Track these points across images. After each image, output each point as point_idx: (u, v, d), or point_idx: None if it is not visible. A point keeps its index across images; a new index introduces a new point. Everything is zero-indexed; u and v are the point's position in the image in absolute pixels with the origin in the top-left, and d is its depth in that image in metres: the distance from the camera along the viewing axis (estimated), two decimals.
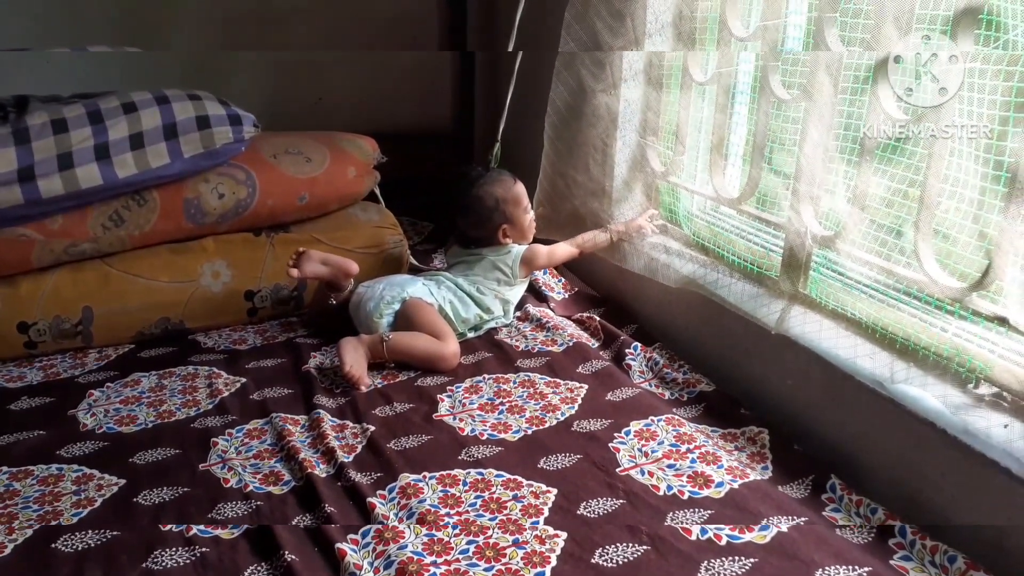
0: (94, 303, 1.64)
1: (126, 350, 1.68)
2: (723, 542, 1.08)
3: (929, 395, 1.16)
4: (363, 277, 1.82)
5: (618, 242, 1.81)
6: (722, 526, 1.11)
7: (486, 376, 1.55)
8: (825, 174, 1.38)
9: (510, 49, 1.94)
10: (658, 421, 1.37)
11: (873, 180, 1.30)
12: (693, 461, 1.26)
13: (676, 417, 1.39)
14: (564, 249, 1.83)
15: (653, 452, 1.29)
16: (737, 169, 1.66)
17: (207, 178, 1.74)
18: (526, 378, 1.54)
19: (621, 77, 1.75)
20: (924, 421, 1.13)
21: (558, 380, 1.53)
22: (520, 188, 1.82)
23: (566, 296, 1.95)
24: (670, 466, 1.25)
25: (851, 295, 1.36)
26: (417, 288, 1.69)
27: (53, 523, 1.11)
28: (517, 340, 1.71)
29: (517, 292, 1.83)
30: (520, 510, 1.14)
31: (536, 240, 1.87)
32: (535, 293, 1.94)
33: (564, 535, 1.09)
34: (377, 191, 2.10)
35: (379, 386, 1.52)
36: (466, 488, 1.20)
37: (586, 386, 1.50)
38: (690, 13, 1.62)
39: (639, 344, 1.64)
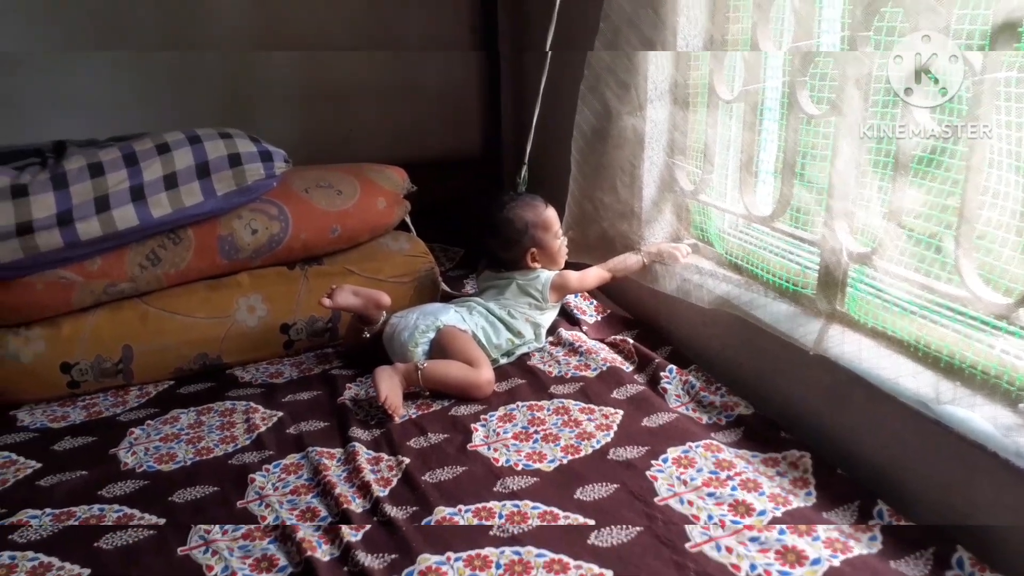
0: (133, 342, 1.67)
1: (166, 387, 1.71)
2: None
3: (978, 416, 1.12)
4: (396, 306, 1.83)
5: (650, 264, 1.79)
6: (772, 562, 1.08)
7: (519, 403, 1.54)
8: (859, 189, 1.35)
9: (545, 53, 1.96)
10: (696, 447, 1.35)
11: (909, 194, 1.27)
12: (734, 488, 1.24)
13: (714, 442, 1.36)
14: (595, 273, 1.82)
15: (692, 480, 1.27)
16: (768, 186, 1.64)
17: (240, 214, 1.77)
18: (560, 405, 1.52)
19: (647, 98, 1.74)
20: (973, 443, 1.09)
21: (592, 406, 1.51)
22: (551, 213, 1.82)
23: (598, 319, 1.94)
24: (710, 494, 1.23)
25: (891, 313, 1.33)
26: (450, 316, 1.69)
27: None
28: (550, 365, 1.70)
29: (548, 317, 1.82)
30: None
31: (567, 264, 1.86)
32: (567, 316, 1.93)
33: (610, 573, 1.07)
34: (408, 220, 2.12)
35: (413, 416, 1.52)
36: (502, 521, 1.18)
37: (621, 412, 1.48)
38: (683, 81, 1.76)
39: (674, 367, 1.62)
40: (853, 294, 1.41)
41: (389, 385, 1.51)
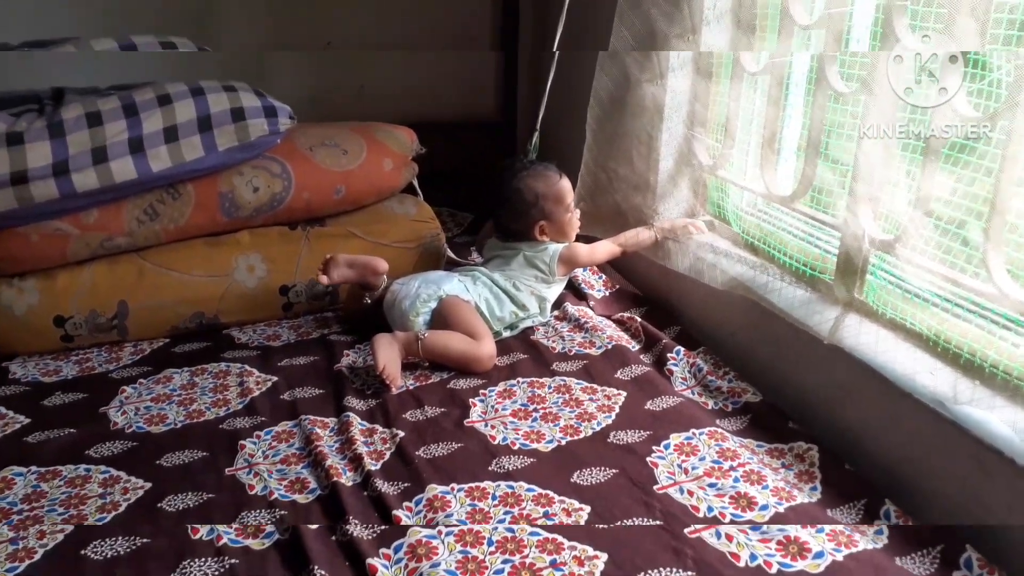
0: (129, 297, 1.63)
1: (161, 344, 1.67)
2: (773, 570, 1.01)
3: (996, 419, 1.07)
4: (399, 271, 1.78)
5: (662, 240, 1.73)
6: (773, 552, 1.04)
7: (520, 380, 1.50)
8: (885, 172, 1.29)
9: (555, 49, 1.86)
10: (700, 435, 1.31)
11: (938, 180, 1.21)
12: (736, 480, 1.19)
13: (719, 430, 1.32)
14: (605, 248, 1.76)
15: (694, 469, 1.23)
16: (790, 165, 1.57)
17: (242, 171, 1.72)
18: (561, 383, 1.48)
19: (668, 67, 1.67)
20: (990, 447, 1.04)
21: (595, 386, 1.47)
22: (564, 185, 1.75)
23: (606, 294, 1.89)
24: (711, 485, 1.18)
25: (911, 304, 1.27)
26: (453, 285, 1.64)
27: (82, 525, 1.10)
28: (554, 341, 1.65)
29: (555, 291, 1.77)
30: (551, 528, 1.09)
31: (578, 237, 1.80)
32: (574, 290, 1.88)
33: (604, 556, 1.04)
34: (415, 183, 2.06)
35: (411, 387, 1.48)
36: (495, 503, 1.15)
37: (624, 393, 1.44)
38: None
39: (682, 348, 1.57)
40: (873, 282, 1.35)
41: (388, 354, 1.46)
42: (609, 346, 1.60)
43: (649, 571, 1.01)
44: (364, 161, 1.85)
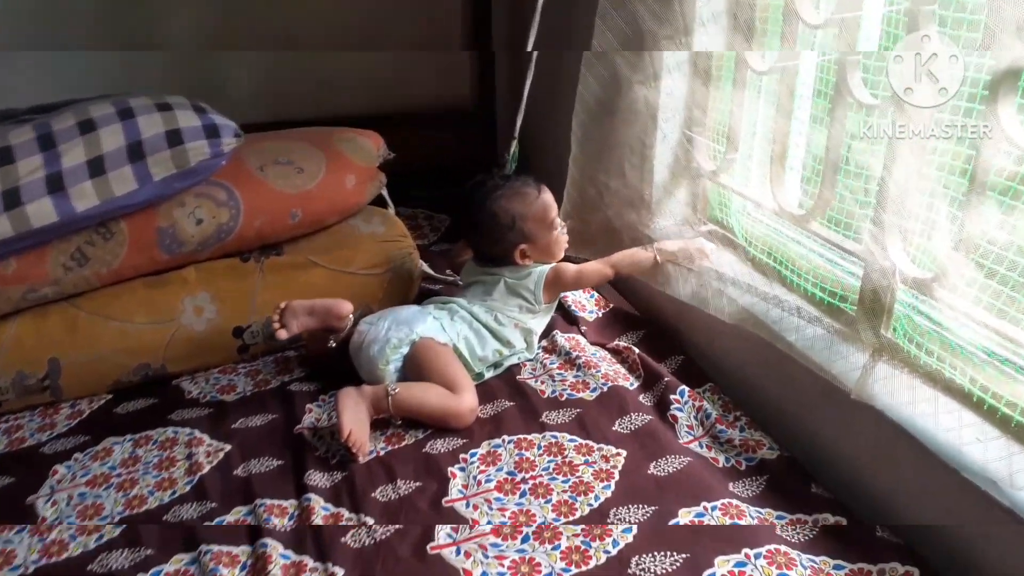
0: (61, 353, 1.44)
1: (102, 403, 1.49)
2: None
3: None
4: (369, 300, 1.61)
5: (662, 263, 1.54)
6: None
7: (506, 438, 1.32)
8: (920, 202, 1.10)
9: (529, 48, 1.65)
10: (712, 509, 1.14)
11: (985, 216, 1.02)
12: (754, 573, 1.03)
13: (733, 502, 1.15)
14: (596, 269, 1.57)
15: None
16: (804, 181, 1.38)
17: (183, 201, 1.51)
18: (553, 440, 1.31)
19: (663, 67, 1.46)
20: None
21: (591, 443, 1.30)
22: (545, 200, 1.56)
23: (600, 315, 1.71)
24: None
25: (953, 354, 1.10)
26: (428, 325, 1.46)
27: None
28: (543, 382, 1.47)
29: (541, 321, 1.59)
30: None
31: (565, 258, 1.62)
32: (564, 312, 1.70)
33: None
34: (385, 193, 1.86)
35: (381, 452, 1.30)
36: None
37: (624, 452, 1.27)
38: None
39: (686, 388, 1.40)
40: (904, 322, 1.17)
41: (353, 416, 1.29)
42: (605, 388, 1.43)
43: None
44: (323, 179, 1.64)
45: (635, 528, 1.11)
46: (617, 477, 1.22)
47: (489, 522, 1.14)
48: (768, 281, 1.36)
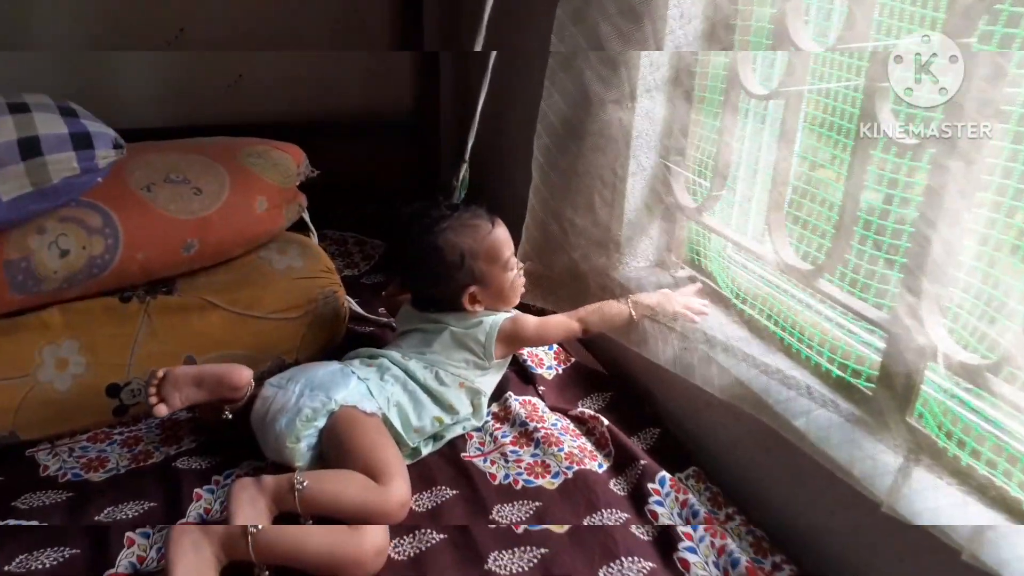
0: None
1: None
2: None
3: None
4: (283, 348, 1.33)
5: (639, 319, 1.28)
6: None
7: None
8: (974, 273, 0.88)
9: (477, 48, 1.38)
10: None
11: None
12: None
13: None
14: (561, 324, 1.31)
15: None
16: (809, 230, 1.15)
17: (43, 227, 1.20)
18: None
19: (640, 85, 1.22)
20: None
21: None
22: (499, 235, 1.30)
23: (559, 371, 1.45)
24: None
25: (1010, 461, 0.88)
26: (350, 391, 1.18)
27: None
28: (493, 463, 1.21)
29: (492, 380, 1.32)
30: None
31: (522, 306, 1.36)
32: (517, 367, 1.44)
33: None
34: (306, 217, 1.57)
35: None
36: None
37: None
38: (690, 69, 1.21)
39: (667, 476, 1.15)
40: (938, 409, 0.95)
41: (248, 517, 1.00)
42: (569, 473, 1.17)
43: None
44: (226, 203, 1.34)
45: None
46: None
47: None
48: (767, 348, 1.13)
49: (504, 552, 1.02)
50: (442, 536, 1.04)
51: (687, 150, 1.32)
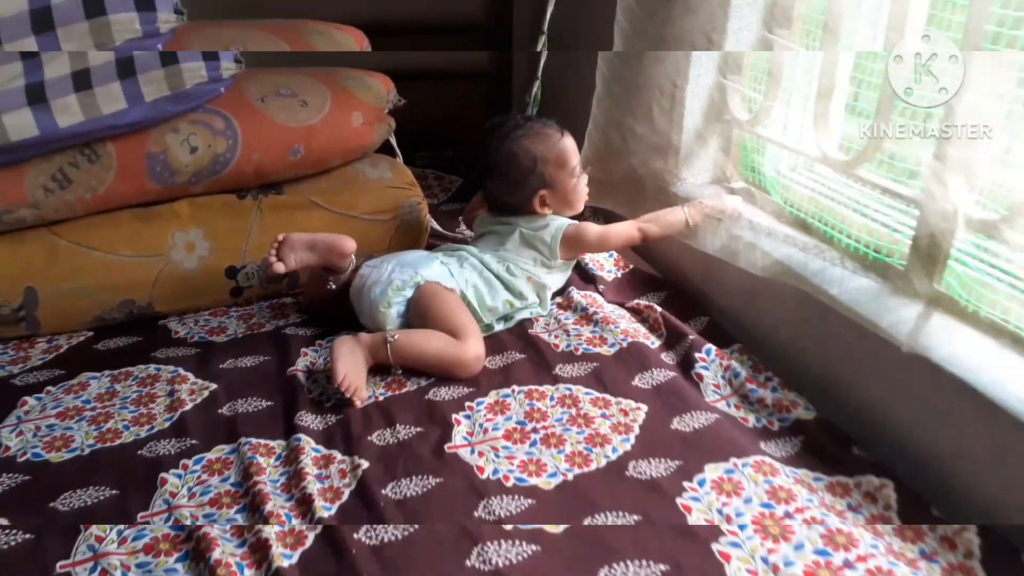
0: (39, 283, 1.34)
1: (82, 339, 1.38)
2: None
3: None
4: (371, 249, 1.50)
5: (695, 224, 1.41)
6: None
7: (516, 388, 1.21)
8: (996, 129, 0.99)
9: None
10: (743, 466, 1.03)
11: None
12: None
13: (767, 461, 1.04)
14: (622, 232, 1.45)
15: (739, 515, 0.95)
16: (850, 121, 1.27)
17: (176, 127, 1.41)
18: (567, 392, 1.20)
19: None
20: None
21: (608, 396, 1.18)
22: (568, 145, 1.45)
23: (619, 276, 1.59)
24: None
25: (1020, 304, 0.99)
26: (434, 269, 1.35)
27: None
28: (557, 336, 1.36)
29: (557, 278, 1.47)
30: None
31: (586, 208, 1.50)
32: (580, 271, 1.59)
33: None
34: (393, 140, 1.75)
35: (380, 398, 1.20)
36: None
37: (645, 407, 1.16)
38: None
39: (712, 347, 1.28)
40: (960, 273, 1.06)
41: (349, 363, 1.18)
42: (624, 343, 1.32)
43: None
44: (328, 115, 1.54)
45: (632, 437, 1.10)
46: (637, 431, 1.11)
47: (495, 470, 1.03)
48: (807, 232, 1.25)
49: (567, 365, 1.27)
50: (523, 355, 1.30)
51: (743, 67, 1.44)
